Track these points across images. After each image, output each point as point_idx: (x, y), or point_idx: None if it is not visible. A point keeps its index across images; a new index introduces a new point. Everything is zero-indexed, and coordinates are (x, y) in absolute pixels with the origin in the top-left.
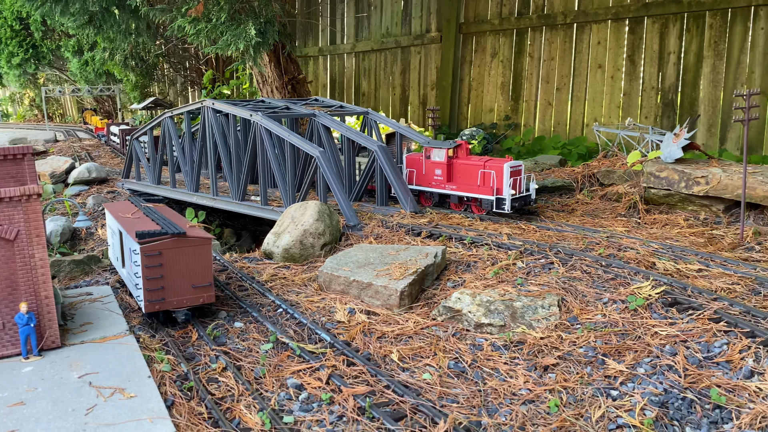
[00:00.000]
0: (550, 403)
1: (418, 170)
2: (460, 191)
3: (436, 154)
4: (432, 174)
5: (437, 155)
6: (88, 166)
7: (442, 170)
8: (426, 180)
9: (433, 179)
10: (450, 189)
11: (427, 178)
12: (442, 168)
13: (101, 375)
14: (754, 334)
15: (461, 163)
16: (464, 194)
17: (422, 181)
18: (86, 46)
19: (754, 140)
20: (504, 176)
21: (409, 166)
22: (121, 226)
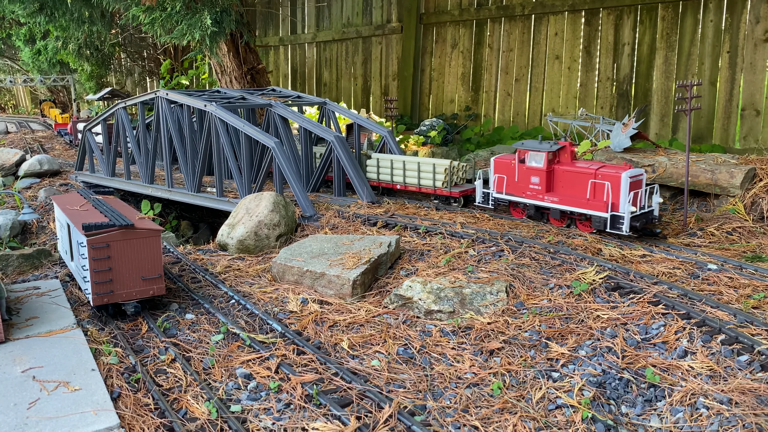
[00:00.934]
0: (494, 385)
1: (509, 176)
2: (562, 204)
3: (533, 157)
4: (527, 182)
5: (534, 159)
6: (40, 158)
7: (540, 178)
8: (519, 188)
9: (528, 188)
10: (550, 201)
11: (520, 187)
12: (540, 175)
13: (45, 369)
14: (690, 316)
15: (565, 170)
16: (568, 208)
17: (514, 189)
18: (38, 34)
19: (704, 130)
20: (622, 189)
21: (498, 171)
22: (69, 219)
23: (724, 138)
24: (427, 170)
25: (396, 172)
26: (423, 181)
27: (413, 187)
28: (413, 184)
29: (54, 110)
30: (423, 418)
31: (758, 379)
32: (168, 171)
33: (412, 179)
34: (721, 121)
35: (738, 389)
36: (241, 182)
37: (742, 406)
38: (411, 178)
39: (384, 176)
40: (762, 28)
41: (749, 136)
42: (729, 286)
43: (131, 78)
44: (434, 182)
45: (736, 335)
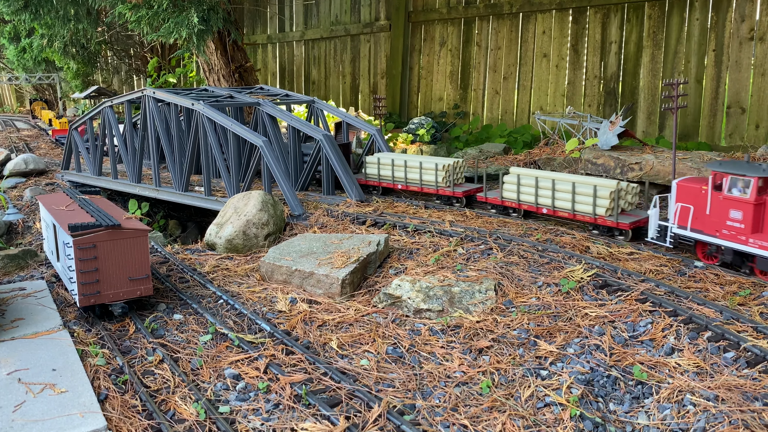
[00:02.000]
0: (483, 384)
1: (698, 206)
2: None
3: (735, 184)
4: (724, 216)
5: (737, 186)
6: (25, 158)
7: (744, 213)
8: (711, 224)
9: (725, 225)
10: (758, 246)
11: (713, 222)
12: (745, 209)
13: (31, 371)
14: (677, 313)
15: None
16: None
17: (704, 225)
18: (23, 32)
19: (690, 127)
20: None
21: (682, 199)
22: (55, 219)
23: (710, 136)
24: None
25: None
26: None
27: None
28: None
29: (46, 112)
30: (412, 417)
31: (744, 376)
32: (155, 170)
33: (414, 179)
34: (707, 119)
35: (724, 386)
36: (229, 181)
37: (728, 402)
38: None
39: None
40: (747, 26)
41: (735, 134)
42: (715, 283)
43: (118, 76)
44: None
45: (723, 332)
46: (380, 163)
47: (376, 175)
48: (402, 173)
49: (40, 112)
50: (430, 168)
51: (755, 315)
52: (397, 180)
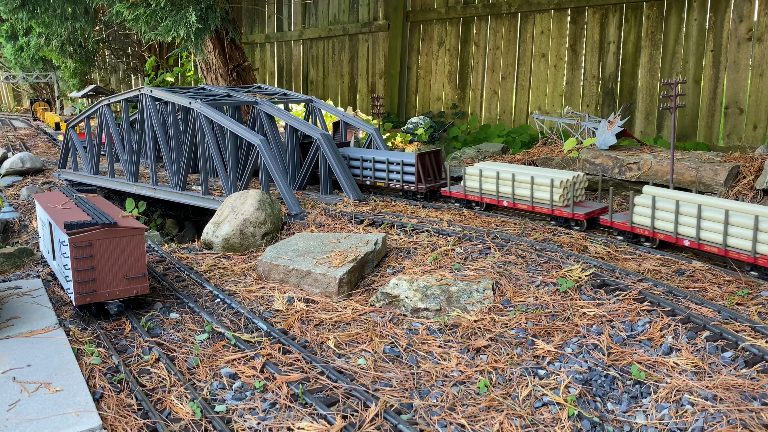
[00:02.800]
0: (480, 383)
1: None
2: None
3: None
4: None
5: None
6: (22, 156)
7: None
8: None
9: None
10: None
11: None
12: None
13: (26, 370)
14: (675, 313)
15: None
16: None
17: None
18: (21, 31)
19: (688, 128)
20: None
21: None
22: (51, 218)
23: (708, 136)
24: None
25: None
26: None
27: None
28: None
29: (51, 114)
30: (409, 416)
31: (742, 375)
32: (152, 169)
33: (523, 195)
34: (705, 119)
35: (722, 385)
36: (226, 180)
37: (726, 402)
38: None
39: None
40: (745, 27)
41: (733, 134)
42: (713, 283)
43: (116, 75)
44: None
45: (721, 332)
46: (483, 176)
47: (477, 189)
48: (509, 188)
49: (43, 114)
50: (544, 184)
51: (753, 315)
52: (503, 196)
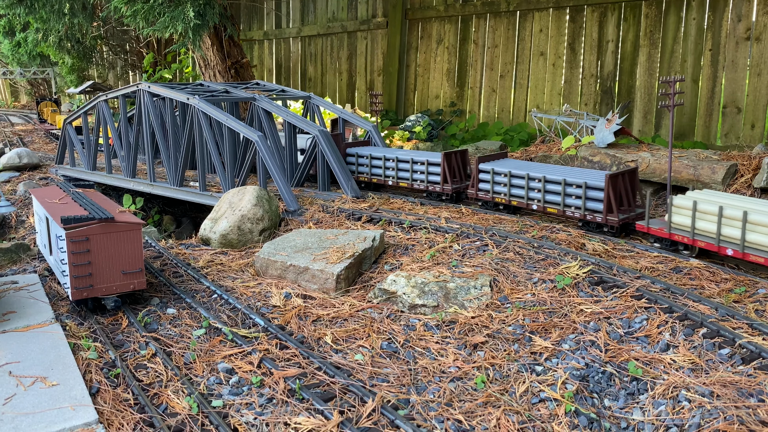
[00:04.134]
0: (477, 379)
1: None
2: None
3: None
4: None
5: None
6: (19, 152)
7: None
8: None
9: None
10: None
11: None
12: None
13: (23, 364)
14: (672, 310)
15: None
16: None
17: None
18: (18, 26)
19: (686, 126)
20: None
21: None
22: (48, 212)
23: (705, 135)
24: None
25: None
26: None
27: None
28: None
29: (61, 117)
30: (406, 412)
31: (739, 372)
32: (150, 165)
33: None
34: (703, 118)
35: (719, 382)
36: (224, 176)
37: (723, 398)
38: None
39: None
40: (744, 26)
41: (730, 134)
42: (711, 280)
43: (113, 71)
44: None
45: (718, 329)
46: (698, 212)
47: (689, 228)
48: (737, 231)
49: (52, 116)
50: None
51: (750, 312)
52: (727, 241)
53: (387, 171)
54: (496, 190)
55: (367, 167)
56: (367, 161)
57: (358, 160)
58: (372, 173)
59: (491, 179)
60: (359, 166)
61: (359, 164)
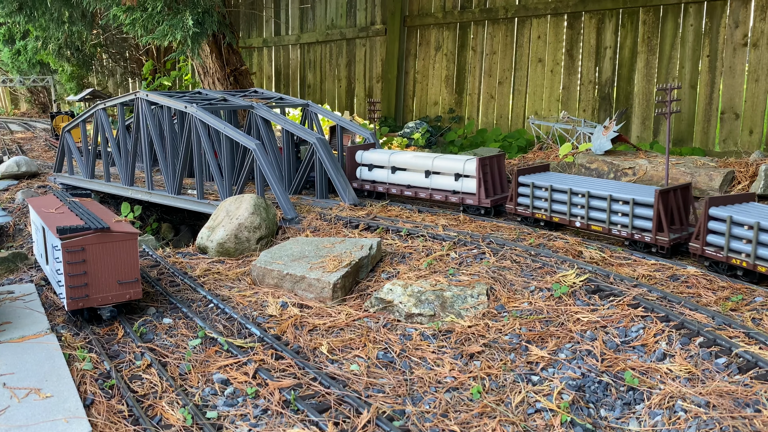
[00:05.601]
0: (473, 389)
1: None
2: None
3: None
4: None
5: None
6: (18, 160)
7: None
8: None
9: None
10: None
11: None
12: None
13: (17, 376)
14: (668, 318)
15: None
16: None
17: None
18: (18, 34)
19: (684, 132)
20: None
21: None
22: (44, 222)
23: (704, 141)
24: None
25: None
26: None
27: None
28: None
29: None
30: (402, 423)
31: (735, 382)
32: (148, 173)
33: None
34: (701, 124)
35: (716, 392)
36: (221, 184)
37: (719, 408)
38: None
39: None
40: (741, 32)
41: (729, 139)
42: (708, 288)
43: (113, 79)
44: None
45: (714, 338)
46: None
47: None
48: None
49: None
50: None
51: (747, 321)
52: None
53: (573, 209)
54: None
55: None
56: (545, 194)
57: (534, 192)
58: (554, 209)
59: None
60: (535, 199)
61: (535, 197)
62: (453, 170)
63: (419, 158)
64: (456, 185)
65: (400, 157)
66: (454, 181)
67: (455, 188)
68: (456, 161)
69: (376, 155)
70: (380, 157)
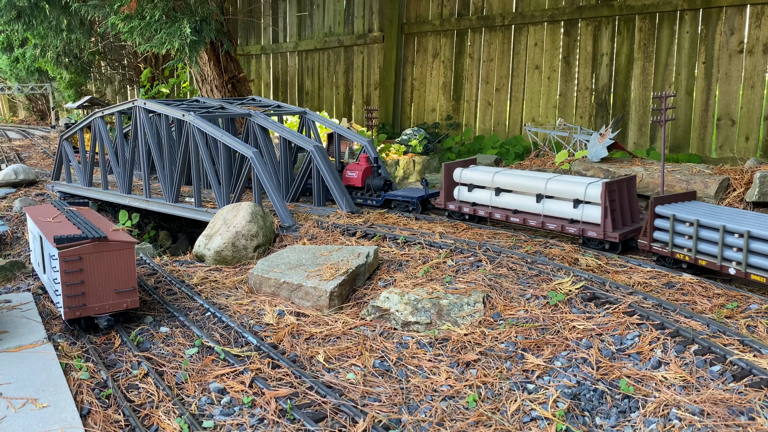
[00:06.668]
0: (469, 398)
1: None
2: None
3: None
4: None
5: None
6: (15, 168)
7: None
8: None
9: None
10: None
11: None
12: None
13: (13, 385)
14: (664, 326)
15: None
16: None
17: None
18: (16, 42)
19: (681, 139)
20: None
21: None
22: (41, 231)
23: (700, 147)
24: None
25: None
26: None
27: None
28: None
29: None
30: None
31: (730, 390)
32: (146, 180)
33: None
34: (698, 130)
35: (710, 400)
36: (219, 192)
37: (714, 417)
38: None
39: None
40: (736, 39)
41: (725, 146)
42: (703, 295)
43: (111, 86)
44: None
45: (709, 345)
46: None
47: None
48: None
49: None
50: None
51: (742, 328)
52: None
53: (726, 251)
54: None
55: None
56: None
57: (675, 227)
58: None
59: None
60: (676, 236)
61: (676, 232)
62: (571, 195)
63: (530, 179)
64: (575, 213)
65: (507, 177)
66: (573, 209)
67: (574, 216)
68: (576, 184)
69: (478, 174)
70: (482, 177)
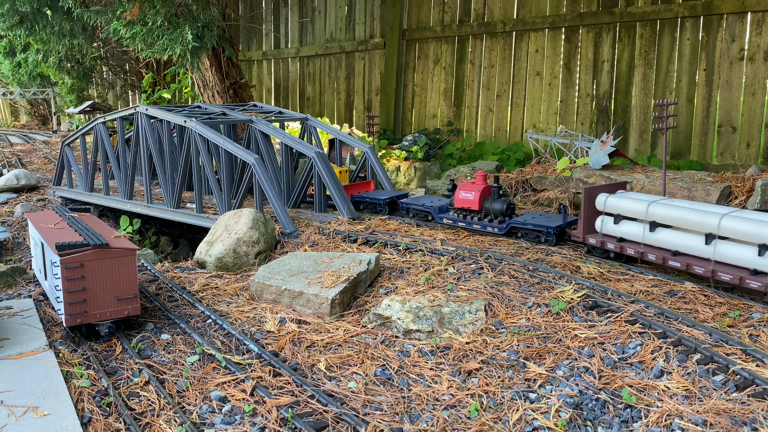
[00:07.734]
0: (471, 407)
1: None
2: None
3: None
4: None
5: None
6: (17, 173)
7: None
8: None
9: None
10: None
11: None
12: None
13: (14, 393)
14: (666, 335)
15: None
16: None
17: None
18: (19, 47)
19: (682, 146)
20: None
21: None
22: (43, 237)
23: (701, 154)
24: None
25: None
26: None
27: None
28: None
29: None
30: None
31: (733, 400)
32: (147, 186)
33: None
34: (699, 137)
35: (713, 410)
36: (220, 198)
37: (716, 427)
38: None
39: None
40: (737, 46)
41: (726, 152)
42: (705, 304)
43: (113, 91)
44: None
45: (712, 354)
46: None
47: None
48: None
49: None
50: None
51: (744, 337)
52: None
53: None
54: None
55: None
56: None
57: None
58: None
59: None
60: None
61: None
62: (757, 237)
63: (697, 213)
64: (760, 262)
65: (666, 208)
66: (758, 256)
67: (759, 267)
68: (763, 224)
69: (627, 203)
70: (633, 206)
